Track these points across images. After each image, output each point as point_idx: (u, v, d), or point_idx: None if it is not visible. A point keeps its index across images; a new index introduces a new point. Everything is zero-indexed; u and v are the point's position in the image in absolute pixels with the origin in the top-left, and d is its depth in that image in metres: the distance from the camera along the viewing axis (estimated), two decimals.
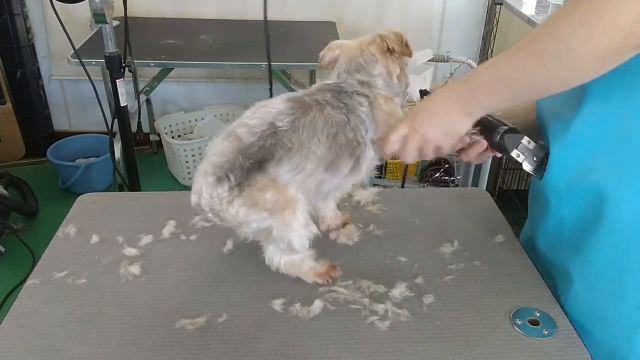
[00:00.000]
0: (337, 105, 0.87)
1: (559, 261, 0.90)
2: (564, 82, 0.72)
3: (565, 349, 0.80)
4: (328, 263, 0.93)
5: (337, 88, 0.89)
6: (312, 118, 0.84)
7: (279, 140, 0.81)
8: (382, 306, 0.86)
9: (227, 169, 0.80)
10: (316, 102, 0.86)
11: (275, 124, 0.82)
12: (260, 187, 0.81)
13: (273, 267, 0.90)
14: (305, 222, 0.85)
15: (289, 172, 0.82)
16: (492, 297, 0.89)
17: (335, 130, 0.85)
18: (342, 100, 0.88)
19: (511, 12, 2.76)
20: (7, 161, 3.04)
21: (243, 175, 0.80)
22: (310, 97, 0.87)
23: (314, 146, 0.83)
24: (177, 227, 1.05)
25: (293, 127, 0.82)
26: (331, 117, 0.85)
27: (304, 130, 0.82)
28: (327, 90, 0.89)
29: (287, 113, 0.83)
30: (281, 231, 0.84)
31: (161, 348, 0.79)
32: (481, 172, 2.17)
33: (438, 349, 0.80)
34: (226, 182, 0.80)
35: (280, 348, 0.80)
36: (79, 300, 0.88)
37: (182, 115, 3.07)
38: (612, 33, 0.63)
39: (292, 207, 0.83)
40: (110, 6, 1.67)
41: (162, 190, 1.19)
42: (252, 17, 2.92)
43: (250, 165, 0.80)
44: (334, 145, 0.85)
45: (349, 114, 0.87)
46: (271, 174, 0.81)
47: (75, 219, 1.08)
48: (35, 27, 2.95)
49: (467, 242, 1.02)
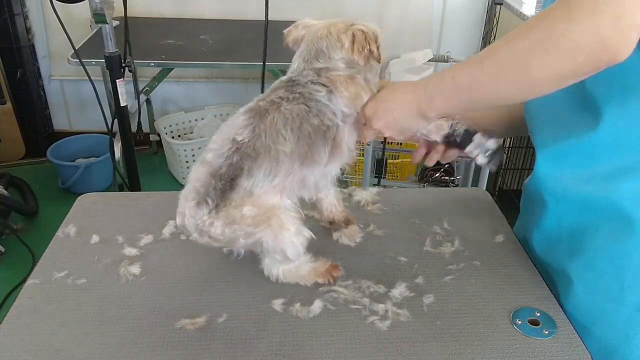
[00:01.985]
0: (292, 98, 0.84)
1: (556, 262, 0.90)
2: (517, 98, 0.74)
3: (565, 349, 0.80)
4: (329, 262, 0.93)
5: (289, 83, 0.87)
6: (271, 119, 0.82)
7: (243, 154, 0.81)
8: (382, 306, 0.86)
9: (203, 193, 0.82)
10: (271, 102, 0.85)
11: (236, 139, 0.82)
12: (236, 204, 0.81)
13: (272, 278, 0.90)
14: (296, 230, 0.84)
15: (263, 179, 0.82)
16: (492, 297, 0.89)
17: (298, 122, 0.83)
18: (296, 91, 0.85)
19: (511, 12, 2.76)
20: (7, 161, 3.04)
21: (219, 196, 0.81)
22: (265, 100, 0.86)
23: (281, 145, 0.81)
24: (177, 227, 1.05)
25: (254, 135, 0.82)
26: (289, 112, 0.83)
27: (266, 135, 0.82)
28: (281, 88, 0.87)
29: (245, 125, 0.83)
30: (272, 242, 0.83)
31: (161, 348, 0.79)
32: (481, 172, 2.17)
33: (438, 349, 0.80)
34: (205, 206, 0.82)
35: (280, 348, 0.80)
36: (79, 300, 0.88)
37: (182, 115, 3.07)
38: (568, 60, 0.63)
39: (277, 216, 0.83)
40: (110, 6, 1.67)
41: (162, 190, 1.19)
42: (252, 17, 2.92)
43: (222, 185, 0.81)
44: (302, 137, 0.83)
45: (307, 102, 0.84)
46: (246, 188, 0.81)
47: (75, 218, 1.08)
48: (35, 27, 2.95)
49: (467, 242, 1.02)
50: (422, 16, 3.03)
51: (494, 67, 0.70)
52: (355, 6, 2.97)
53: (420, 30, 3.05)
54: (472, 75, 0.73)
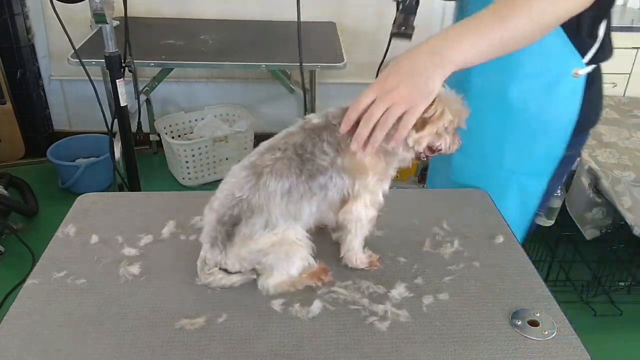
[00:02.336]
0: (287, 161, 0.86)
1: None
2: (540, 35, 0.86)
3: (564, 349, 0.80)
4: (319, 265, 0.92)
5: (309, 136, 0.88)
6: (264, 182, 0.85)
7: (241, 208, 0.85)
8: (382, 307, 0.86)
9: (213, 237, 0.88)
10: (265, 165, 0.86)
11: (234, 194, 0.86)
12: (241, 244, 0.87)
13: (264, 291, 0.89)
14: (302, 257, 0.88)
15: (261, 229, 0.86)
16: (492, 298, 0.90)
17: (287, 186, 0.85)
18: (301, 150, 0.87)
19: None
20: (7, 161, 3.04)
21: (225, 239, 0.87)
22: (263, 155, 0.87)
23: (273, 207, 0.85)
24: (177, 227, 1.05)
25: (250, 192, 0.85)
26: (281, 175, 0.85)
27: (258, 194, 0.85)
28: (295, 135, 0.89)
29: (242, 181, 0.86)
30: (281, 263, 0.88)
31: (161, 348, 0.79)
32: None
33: (437, 349, 0.80)
34: (217, 248, 0.88)
35: (279, 348, 0.80)
36: (79, 300, 0.88)
37: (182, 115, 3.07)
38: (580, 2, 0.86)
39: (292, 247, 0.87)
40: (110, 6, 1.67)
41: (162, 190, 1.19)
42: (252, 17, 2.92)
43: (227, 231, 0.87)
44: (290, 199, 0.85)
45: (304, 164, 0.86)
46: (245, 234, 0.86)
47: (75, 219, 1.08)
48: (35, 27, 2.95)
49: (466, 243, 1.02)
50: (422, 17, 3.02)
51: (525, 5, 0.82)
52: (356, 6, 2.97)
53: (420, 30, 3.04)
54: (503, 16, 0.82)
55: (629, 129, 2.31)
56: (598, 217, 2.03)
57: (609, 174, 1.94)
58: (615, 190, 1.93)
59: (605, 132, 2.26)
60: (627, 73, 2.60)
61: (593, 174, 1.96)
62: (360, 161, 0.87)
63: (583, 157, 1.98)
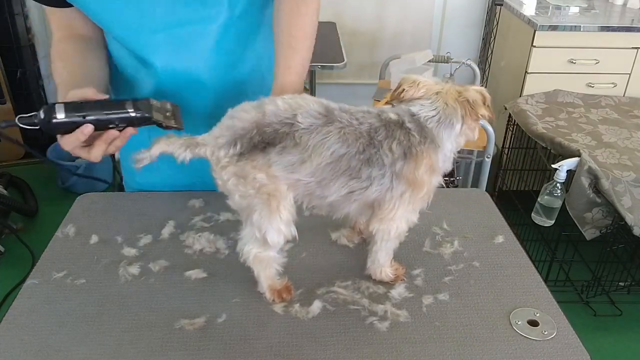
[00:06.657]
0: (359, 133, 0.81)
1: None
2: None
3: (564, 349, 0.80)
4: (286, 282, 0.89)
5: (386, 119, 0.84)
6: (327, 131, 0.80)
7: (291, 133, 0.80)
8: (382, 307, 0.86)
9: (238, 136, 0.80)
10: (340, 119, 0.82)
11: (297, 117, 0.80)
12: (255, 165, 0.80)
13: (242, 256, 0.86)
14: (287, 220, 0.83)
15: (284, 166, 0.80)
16: (491, 298, 0.89)
17: (342, 152, 0.80)
18: (373, 133, 0.82)
19: (511, 13, 2.76)
20: (7, 161, 3.04)
21: (248, 147, 0.80)
22: (342, 112, 0.83)
23: (315, 156, 0.80)
24: (177, 227, 1.05)
25: (309, 129, 0.80)
26: (345, 140, 0.81)
27: (315, 137, 0.80)
28: (372, 116, 0.84)
29: (312, 115, 0.81)
30: (262, 217, 0.82)
31: (160, 348, 0.79)
32: (481, 172, 2.17)
33: (437, 349, 0.80)
34: (231, 148, 0.80)
35: (279, 349, 0.80)
36: (79, 300, 0.88)
37: None
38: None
39: (277, 199, 0.81)
40: None
41: None
42: None
43: (257, 141, 0.80)
44: (334, 166, 0.81)
45: (368, 147, 0.82)
46: (270, 159, 0.80)
47: (75, 219, 1.08)
48: (35, 27, 2.95)
49: (466, 243, 1.02)
50: (422, 17, 3.03)
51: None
52: (356, 6, 2.97)
53: (421, 30, 3.05)
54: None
55: (629, 129, 2.31)
56: (598, 217, 2.02)
57: (609, 174, 1.94)
58: (615, 190, 1.93)
59: (605, 132, 2.26)
60: (627, 73, 2.60)
61: (593, 174, 1.96)
62: (422, 175, 0.84)
63: (583, 157, 1.98)
